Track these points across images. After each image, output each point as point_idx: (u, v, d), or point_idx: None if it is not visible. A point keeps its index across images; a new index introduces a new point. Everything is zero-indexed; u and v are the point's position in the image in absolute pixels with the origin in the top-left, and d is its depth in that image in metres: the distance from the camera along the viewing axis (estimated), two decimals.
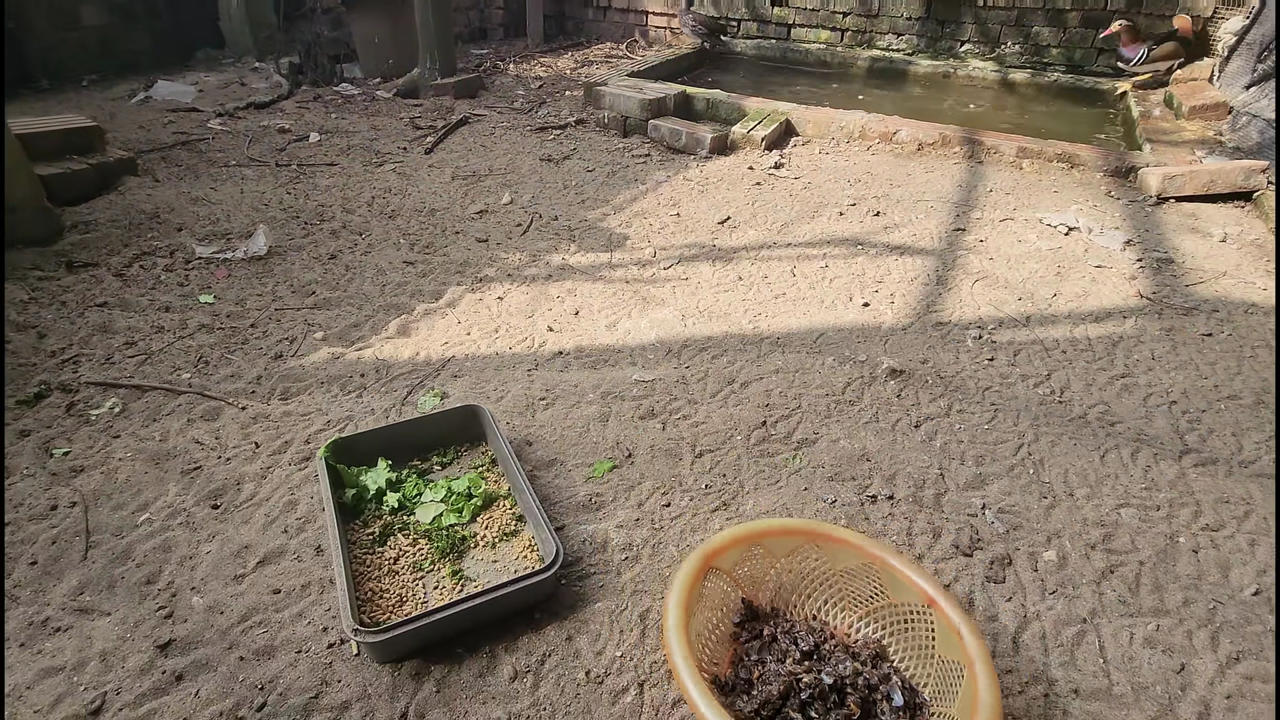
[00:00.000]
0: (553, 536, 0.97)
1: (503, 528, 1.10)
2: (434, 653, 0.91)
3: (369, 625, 0.91)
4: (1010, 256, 2.10)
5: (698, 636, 0.87)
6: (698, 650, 0.86)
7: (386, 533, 1.10)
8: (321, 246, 2.16)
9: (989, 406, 1.43)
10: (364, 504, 1.14)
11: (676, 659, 0.76)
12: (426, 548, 1.08)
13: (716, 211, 2.46)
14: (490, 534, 1.09)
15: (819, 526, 0.95)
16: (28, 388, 1.45)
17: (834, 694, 0.83)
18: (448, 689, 0.88)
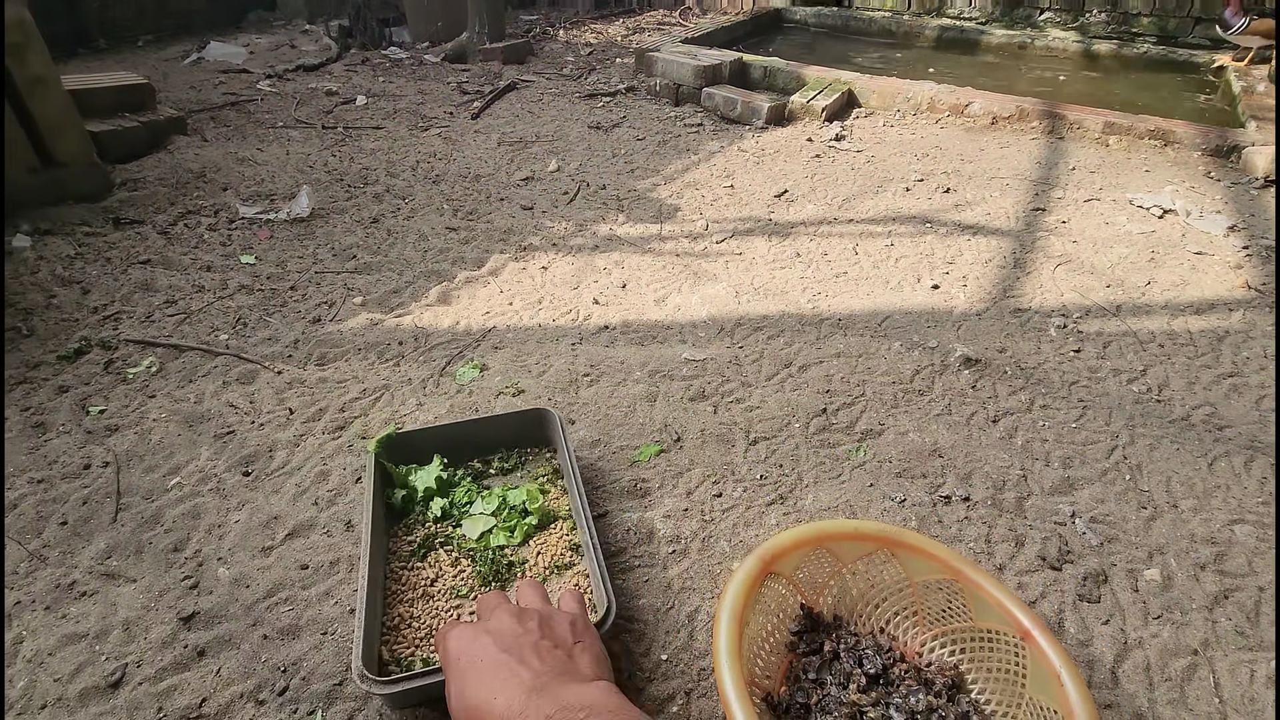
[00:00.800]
0: (607, 589, 0.82)
1: (555, 559, 0.95)
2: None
3: (387, 661, 0.82)
4: (1096, 240, 1.92)
5: (750, 643, 0.78)
6: (749, 662, 0.77)
7: (428, 545, 0.96)
8: (364, 210, 2.11)
9: (1076, 403, 1.29)
10: (412, 505, 1.01)
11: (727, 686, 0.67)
12: (468, 570, 0.93)
13: (773, 184, 2.33)
14: (541, 563, 0.95)
15: (897, 533, 0.84)
16: (69, 343, 1.43)
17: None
18: None
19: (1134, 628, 0.89)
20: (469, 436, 1.10)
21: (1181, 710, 0.80)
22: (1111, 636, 0.88)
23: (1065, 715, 0.68)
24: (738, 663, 0.69)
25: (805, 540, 0.83)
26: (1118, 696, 0.81)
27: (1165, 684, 0.83)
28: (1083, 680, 0.69)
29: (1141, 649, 0.86)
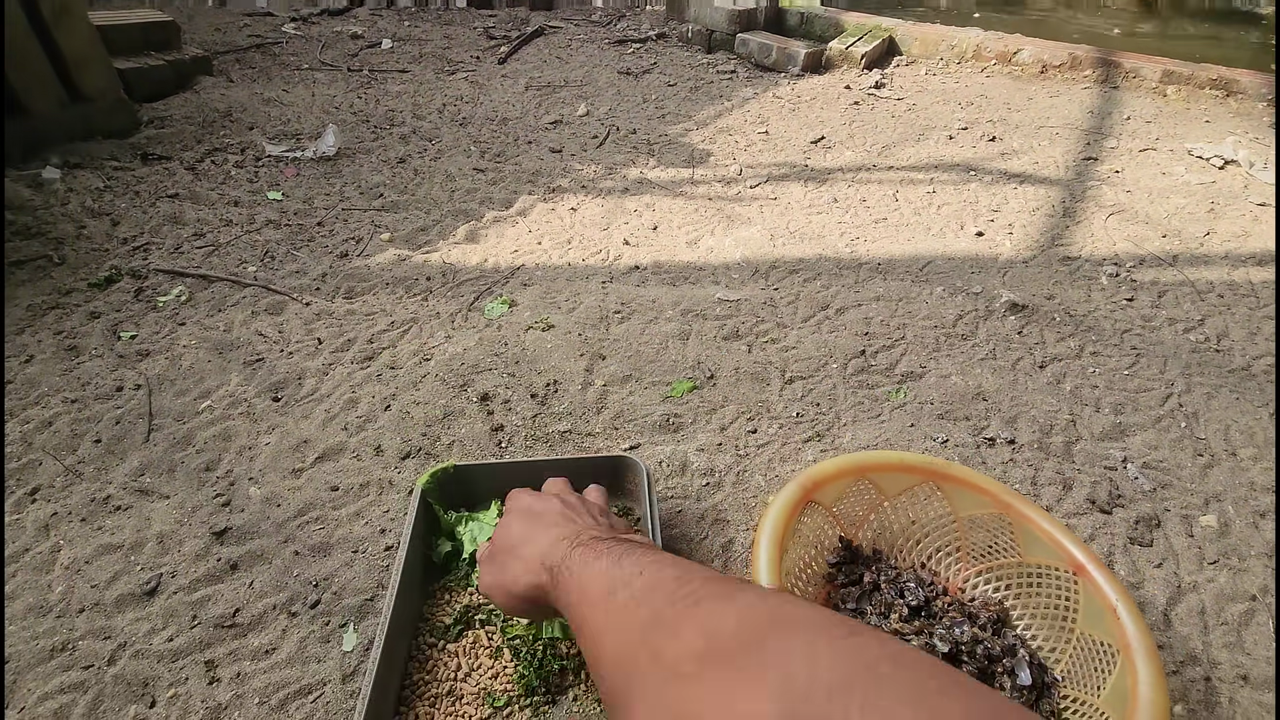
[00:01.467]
0: None
1: None
2: None
3: None
4: (1152, 190, 1.83)
5: (787, 575, 0.76)
6: (788, 590, 0.74)
7: (467, 620, 0.76)
8: (390, 150, 2.07)
9: (1129, 350, 1.23)
10: (457, 562, 0.82)
11: None
12: (508, 670, 0.72)
13: (809, 131, 2.25)
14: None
15: (944, 465, 0.81)
16: (99, 271, 1.43)
17: (946, 662, 0.71)
18: None
19: (1188, 572, 0.85)
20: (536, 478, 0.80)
21: (1238, 654, 0.77)
22: (1164, 580, 0.84)
23: (1120, 648, 0.65)
24: (776, 575, 0.67)
25: (848, 470, 0.80)
26: (1170, 638, 0.78)
27: (1221, 628, 0.79)
28: (1140, 614, 0.66)
29: (1196, 593, 0.83)
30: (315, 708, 0.71)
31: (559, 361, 1.18)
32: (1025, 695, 0.68)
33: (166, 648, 0.76)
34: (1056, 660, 0.72)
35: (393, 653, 0.69)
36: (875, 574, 0.80)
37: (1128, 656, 0.63)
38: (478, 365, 1.18)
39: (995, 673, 0.70)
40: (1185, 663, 0.76)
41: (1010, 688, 0.69)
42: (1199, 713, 0.71)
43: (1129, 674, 0.62)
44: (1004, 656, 0.71)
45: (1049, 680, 0.70)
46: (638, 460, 0.86)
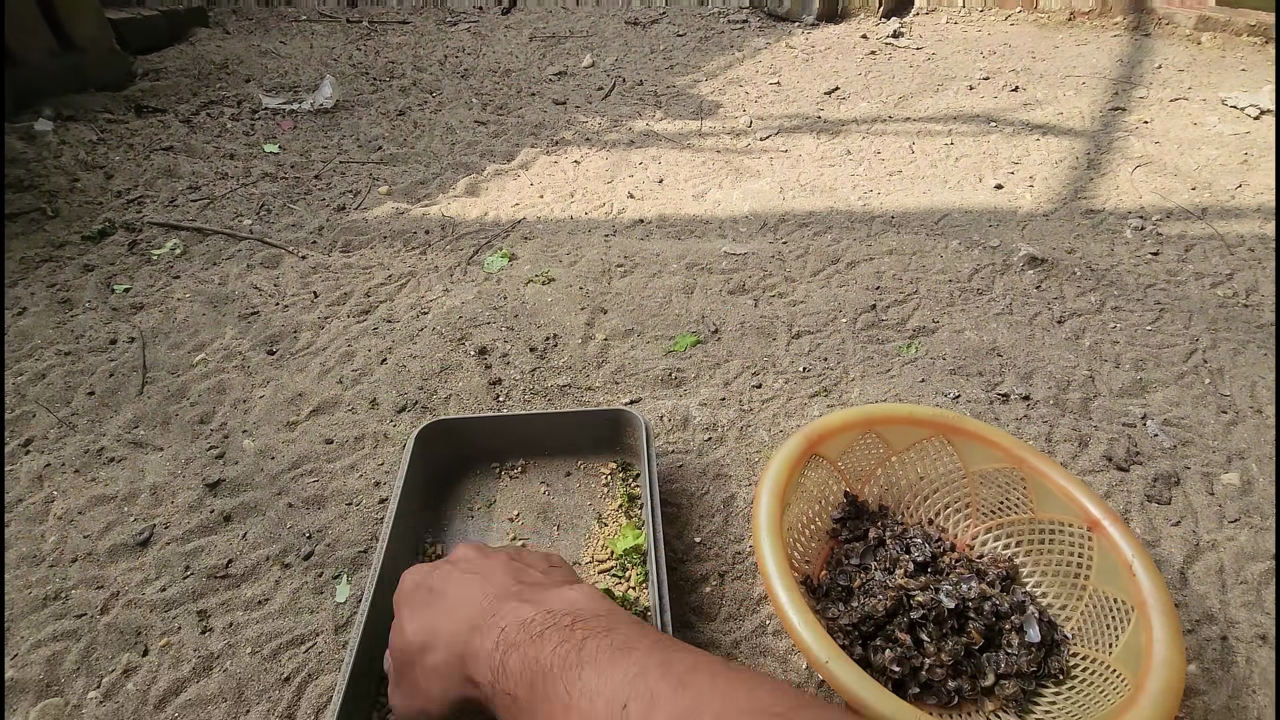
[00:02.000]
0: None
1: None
2: None
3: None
4: (1182, 141, 1.74)
5: (789, 529, 0.74)
6: (788, 547, 0.72)
7: None
8: (390, 103, 2.02)
9: (1152, 305, 1.18)
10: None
11: (766, 555, 0.63)
12: None
13: (823, 81, 2.16)
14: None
15: (955, 418, 0.78)
16: (93, 224, 1.40)
17: (953, 619, 0.69)
18: None
19: (1207, 530, 0.82)
20: (530, 433, 0.86)
21: (1257, 613, 0.74)
22: (1182, 538, 0.81)
23: (1135, 605, 0.62)
24: (778, 537, 0.64)
25: (854, 422, 0.77)
26: (1186, 597, 0.76)
27: (1240, 587, 0.76)
28: (1157, 571, 0.63)
29: (1215, 551, 0.80)
30: (308, 657, 0.70)
31: (559, 315, 1.15)
32: (1034, 652, 0.66)
33: (159, 597, 0.76)
34: (1067, 618, 0.69)
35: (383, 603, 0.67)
36: (881, 529, 0.78)
37: (1143, 613, 0.61)
38: (476, 319, 1.15)
39: (1003, 629, 0.68)
40: (1201, 621, 0.73)
41: (1019, 644, 0.67)
42: (1214, 671, 0.69)
43: (1143, 630, 0.60)
44: (1012, 613, 0.69)
45: (1059, 637, 0.68)
46: (637, 414, 0.83)
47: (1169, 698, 0.54)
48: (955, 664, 0.65)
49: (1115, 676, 0.60)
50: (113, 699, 0.67)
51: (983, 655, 0.66)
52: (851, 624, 0.68)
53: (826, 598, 0.73)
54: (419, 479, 0.80)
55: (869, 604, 0.69)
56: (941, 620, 0.68)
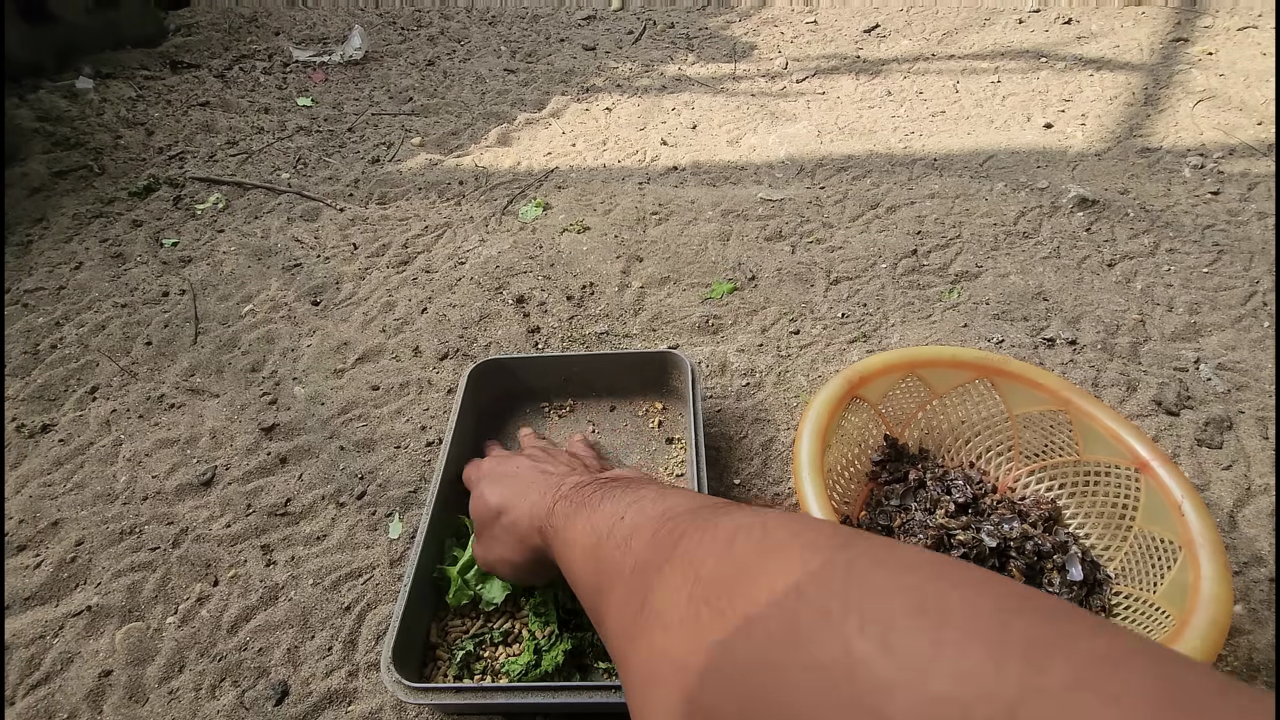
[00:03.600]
0: None
1: None
2: None
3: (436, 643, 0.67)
4: (1249, 72, 1.64)
5: (829, 472, 0.74)
6: (829, 488, 0.73)
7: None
8: (419, 53, 1.99)
9: (1210, 247, 1.14)
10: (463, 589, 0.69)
11: (807, 492, 0.64)
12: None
13: (862, 19, 2.07)
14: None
15: (1000, 360, 0.76)
16: (138, 180, 1.43)
17: (994, 558, 0.69)
18: None
19: (1259, 474, 0.80)
20: (577, 373, 0.88)
21: None
22: (1233, 482, 0.80)
23: (1184, 544, 0.61)
24: (819, 475, 0.65)
25: (896, 365, 0.77)
26: (1235, 540, 0.75)
27: None
28: (1206, 511, 0.62)
29: (1266, 495, 0.78)
30: (366, 588, 0.74)
31: (595, 264, 1.15)
32: (1075, 591, 0.66)
33: (225, 533, 0.80)
34: (1110, 558, 0.69)
35: (436, 536, 0.70)
36: (921, 471, 0.78)
37: (1190, 552, 0.60)
38: (512, 268, 1.15)
39: (1044, 569, 0.68)
40: (1249, 564, 0.72)
41: (1060, 583, 0.67)
42: (1260, 612, 0.68)
43: (1191, 569, 0.59)
44: (1054, 553, 0.69)
45: (1101, 577, 0.68)
46: (683, 356, 0.84)
47: (1215, 630, 0.54)
48: None
49: (1160, 614, 0.60)
50: (189, 624, 0.72)
51: None
52: None
53: None
54: (471, 417, 0.82)
55: (909, 543, 0.70)
56: (983, 559, 0.68)
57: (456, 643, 0.67)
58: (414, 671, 0.63)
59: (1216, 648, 0.53)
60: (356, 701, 0.65)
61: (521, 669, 0.64)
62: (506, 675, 0.64)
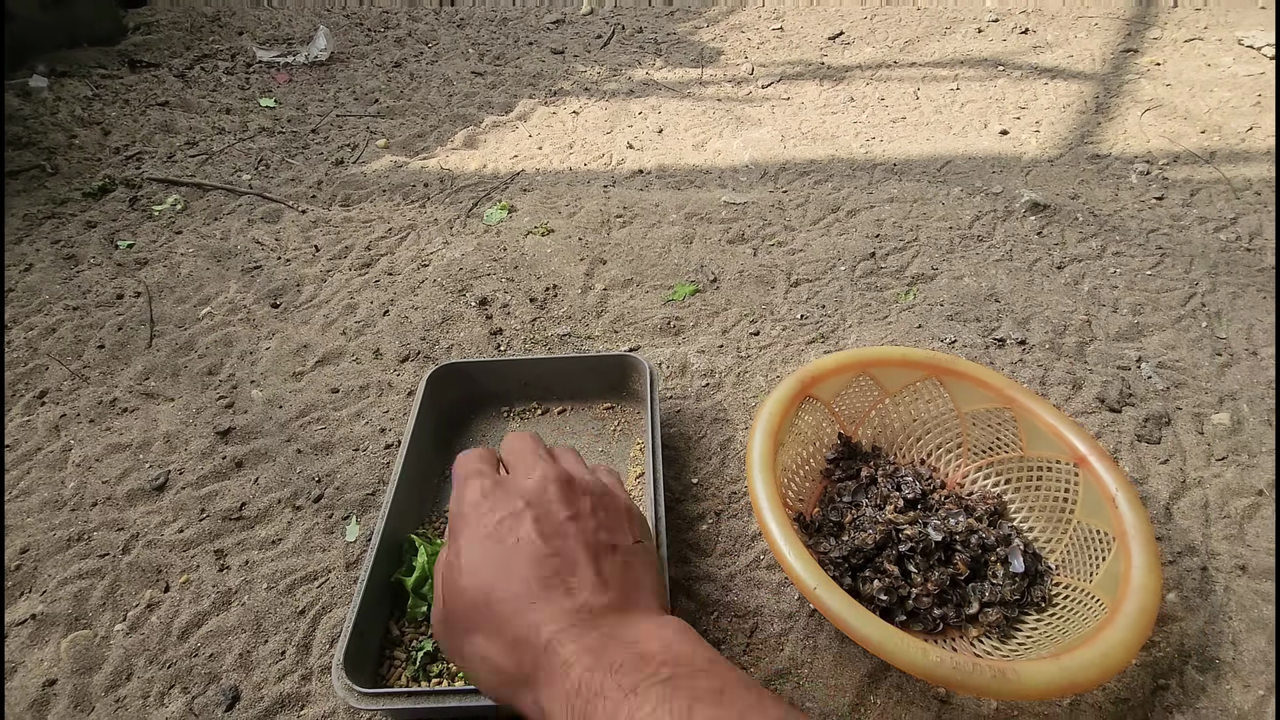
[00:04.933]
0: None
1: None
2: None
3: (397, 639, 0.68)
4: (1194, 83, 1.70)
5: (784, 470, 0.76)
6: (782, 487, 0.74)
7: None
8: (385, 54, 1.98)
9: (1154, 250, 1.18)
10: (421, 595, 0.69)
11: (759, 490, 0.65)
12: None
13: (827, 26, 2.11)
14: None
15: (948, 360, 0.79)
16: (93, 181, 1.40)
17: (940, 551, 0.71)
18: None
19: (1195, 468, 0.84)
20: (535, 376, 0.88)
21: (1238, 545, 0.76)
22: (1169, 475, 0.83)
23: (1117, 535, 0.64)
24: (771, 473, 0.66)
25: (848, 365, 0.78)
26: (1170, 530, 0.78)
27: (1223, 521, 0.78)
28: (1140, 504, 0.65)
29: (1201, 488, 0.82)
30: (321, 592, 0.73)
31: (559, 266, 1.16)
32: (1017, 582, 0.69)
33: (177, 538, 0.79)
34: (1051, 550, 0.72)
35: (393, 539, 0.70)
36: (873, 469, 0.80)
37: (1123, 543, 0.63)
38: (476, 270, 1.15)
39: (988, 561, 0.70)
40: (1183, 553, 0.75)
41: (1003, 575, 0.69)
42: (1192, 599, 0.71)
43: (1123, 559, 0.62)
44: (998, 545, 0.71)
45: (1042, 568, 0.70)
46: (642, 359, 0.84)
47: (1144, 617, 0.56)
48: (941, 593, 0.68)
49: (1094, 602, 0.63)
50: (138, 630, 0.71)
51: (968, 585, 0.69)
52: (842, 556, 0.71)
53: (819, 533, 0.75)
54: (429, 421, 0.82)
55: (859, 538, 0.71)
56: (929, 552, 0.70)
57: (414, 645, 0.67)
58: (368, 674, 0.63)
59: (1145, 633, 0.56)
60: (310, 705, 0.65)
61: None
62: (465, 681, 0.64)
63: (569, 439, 0.87)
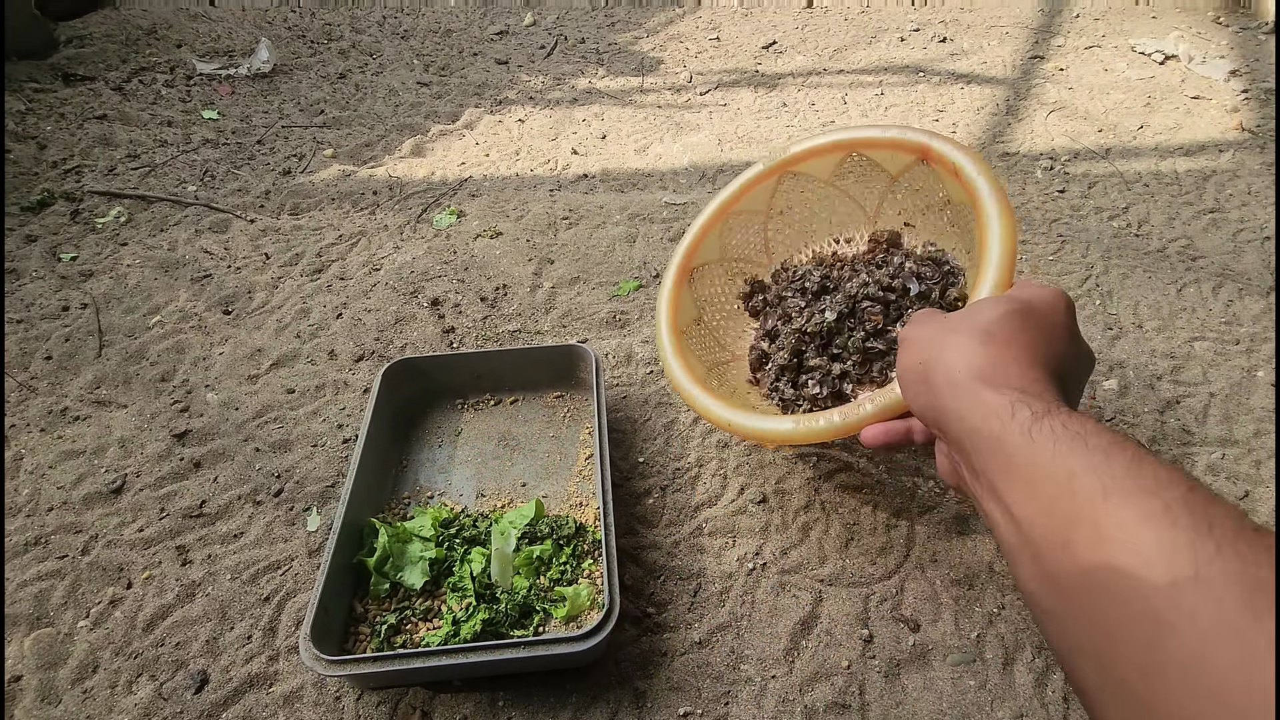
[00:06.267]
0: (610, 585, 0.65)
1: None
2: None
3: (361, 616, 0.71)
4: (1093, 86, 1.85)
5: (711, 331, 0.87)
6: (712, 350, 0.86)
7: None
8: (330, 66, 2.00)
9: (1055, 238, 1.29)
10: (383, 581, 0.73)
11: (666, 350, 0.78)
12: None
13: (761, 36, 2.21)
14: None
15: (782, 161, 0.85)
16: (31, 195, 1.39)
17: (850, 318, 0.78)
18: None
19: None
20: (487, 369, 0.92)
21: None
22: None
23: (971, 202, 0.65)
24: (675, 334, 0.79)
25: (708, 223, 0.86)
26: None
27: None
28: (986, 164, 0.67)
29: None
30: (285, 579, 0.76)
31: (508, 266, 1.20)
32: (919, 304, 0.76)
33: (138, 537, 0.81)
34: (952, 249, 0.78)
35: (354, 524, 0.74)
36: (777, 287, 0.87)
37: (976, 206, 0.64)
38: (427, 273, 1.19)
39: (893, 300, 0.77)
40: None
41: (907, 304, 0.76)
42: None
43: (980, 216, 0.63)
44: (895, 278, 0.78)
45: (950, 269, 0.77)
46: (588, 348, 0.90)
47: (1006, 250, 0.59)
48: (868, 353, 0.76)
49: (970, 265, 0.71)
50: (102, 625, 0.72)
51: (889, 333, 0.76)
52: (776, 379, 0.79)
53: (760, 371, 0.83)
54: (386, 414, 0.86)
55: (777, 360, 0.80)
56: (841, 329, 0.77)
57: (378, 619, 0.70)
58: (334, 649, 0.66)
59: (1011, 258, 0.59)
60: (278, 683, 0.68)
61: (441, 640, 0.68)
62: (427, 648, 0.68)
63: (522, 426, 0.92)
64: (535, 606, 0.71)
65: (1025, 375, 0.42)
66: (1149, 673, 0.27)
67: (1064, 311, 0.50)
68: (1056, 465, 0.34)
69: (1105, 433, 0.34)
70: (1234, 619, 0.25)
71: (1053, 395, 0.40)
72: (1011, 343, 0.45)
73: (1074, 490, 0.32)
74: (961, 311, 0.51)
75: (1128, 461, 0.32)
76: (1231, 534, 0.27)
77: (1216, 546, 0.27)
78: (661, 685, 0.67)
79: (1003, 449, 0.37)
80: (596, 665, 0.68)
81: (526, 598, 0.71)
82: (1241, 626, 0.25)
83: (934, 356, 0.47)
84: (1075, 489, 0.32)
